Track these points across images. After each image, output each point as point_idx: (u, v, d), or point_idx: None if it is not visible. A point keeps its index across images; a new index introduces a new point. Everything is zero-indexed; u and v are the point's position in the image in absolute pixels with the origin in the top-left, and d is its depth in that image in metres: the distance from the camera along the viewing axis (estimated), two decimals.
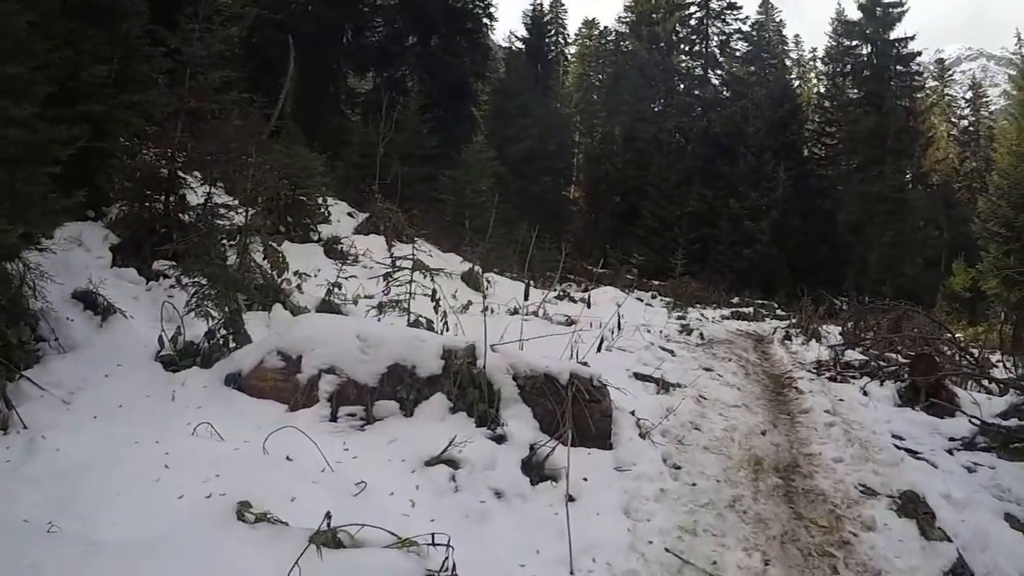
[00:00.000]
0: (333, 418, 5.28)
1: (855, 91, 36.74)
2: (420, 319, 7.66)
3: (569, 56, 49.09)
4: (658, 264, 28.86)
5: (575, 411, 5.43)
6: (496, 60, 36.59)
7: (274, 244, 10.04)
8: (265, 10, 28.10)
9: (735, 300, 26.96)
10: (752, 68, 38.44)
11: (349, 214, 16.47)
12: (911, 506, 5.10)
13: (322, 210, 14.49)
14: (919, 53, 35.59)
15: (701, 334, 13.54)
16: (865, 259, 32.66)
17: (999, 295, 19.84)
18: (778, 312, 25.05)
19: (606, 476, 5.19)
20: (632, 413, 6.30)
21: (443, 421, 5.31)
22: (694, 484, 5.37)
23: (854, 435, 6.84)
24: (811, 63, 44.62)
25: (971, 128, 43.28)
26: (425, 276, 8.14)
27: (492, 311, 11.80)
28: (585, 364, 6.57)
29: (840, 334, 14.24)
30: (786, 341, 14.86)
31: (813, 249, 32.53)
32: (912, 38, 35.33)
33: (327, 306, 8.40)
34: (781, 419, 7.63)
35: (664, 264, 27.50)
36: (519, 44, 42.46)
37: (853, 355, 11.66)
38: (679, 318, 15.54)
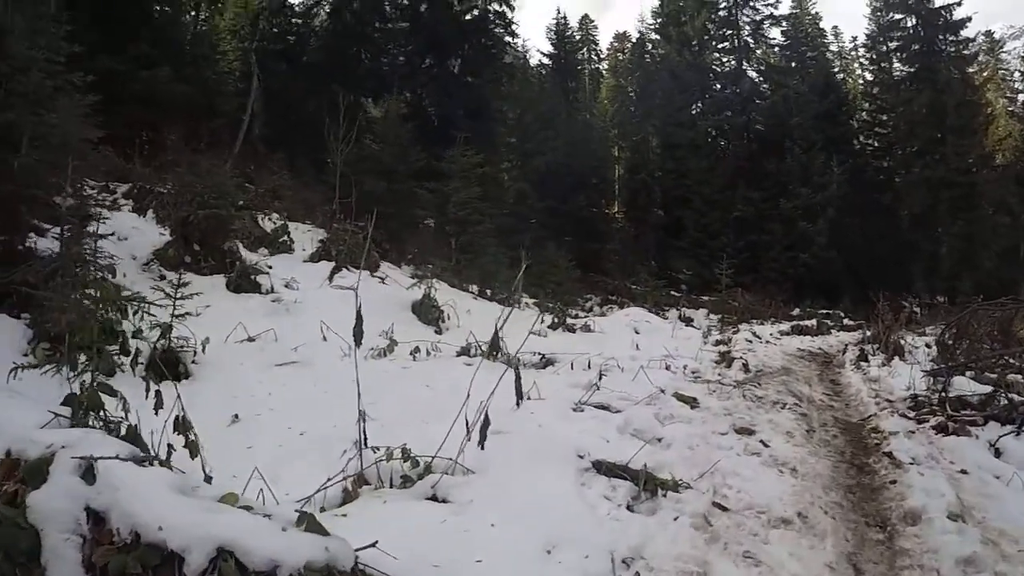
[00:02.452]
0: None
1: (905, 67, 32.31)
2: None
3: (603, 72, 45.97)
4: (706, 278, 25.05)
5: None
6: (521, 78, 33.40)
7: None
8: (265, 41, 26.40)
9: (795, 312, 23.17)
10: (789, 55, 34.36)
11: (322, 241, 13.49)
12: None
13: (237, 236, 11.49)
14: (969, 19, 30.97)
15: (745, 363, 9.78)
16: (935, 254, 29.09)
17: None
18: (845, 322, 21.31)
19: None
20: None
21: None
22: None
23: None
24: (852, 53, 40.36)
25: None
26: None
27: (434, 353, 8.70)
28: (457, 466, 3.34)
29: (936, 347, 10.24)
30: (861, 363, 11.00)
31: (874, 248, 28.19)
32: (959, 3, 30.74)
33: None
34: (870, 545, 3.96)
35: (713, 277, 23.72)
36: (545, 60, 39.37)
37: (962, 381, 7.75)
38: (718, 342, 11.76)
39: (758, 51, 34.46)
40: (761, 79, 34.05)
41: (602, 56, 46.75)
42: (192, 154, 13.85)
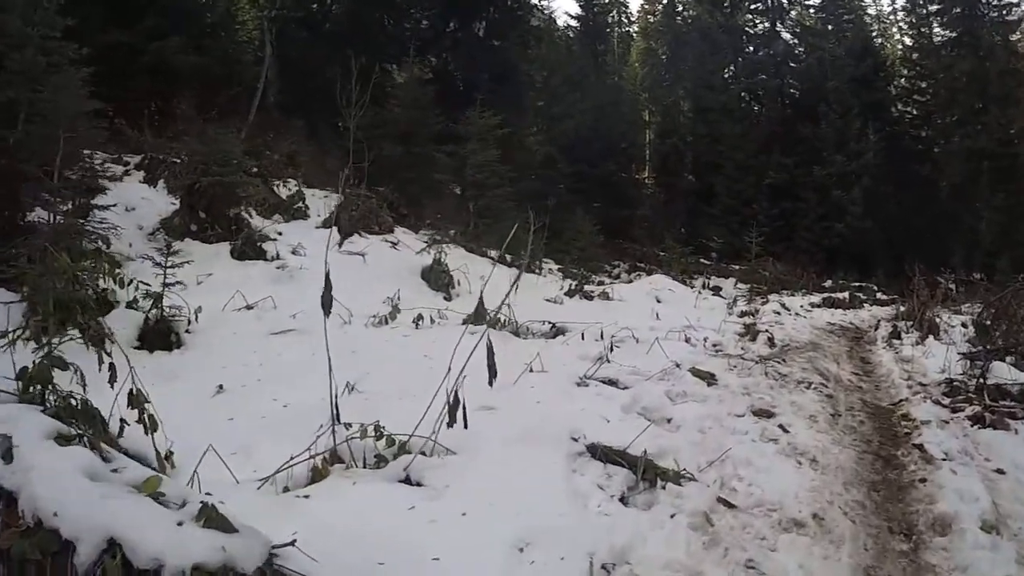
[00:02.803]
0: None
1: (946, 31, 30.65)
2: None
3: (633, 35, 44.58)
4: (737, 246, 24.24)
5: None
6: (548, 41, 32.38)
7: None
8: (284, 10, 25.86)
9: (827, 283, 22.38)
10: (825, 18, 32.76)
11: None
12: None
13: (249, 203, 11.39)
14: None
15: (771, 337, 9.23)
16: (974, 228, 27.10)
17: None
18: (879, 296, 20.41)
19: None
20: None
21: None
22: None
23: None
24: (891, 17, 38.55)
25: None
26: None
27: (440, 321, 8.30)
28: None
29: (974, 328, 9.58)
30: (893, 340, 10.40)
31: (911, 220, 26.89)
32: None
33: None
34: (892, 557, 3.50)
35: (744, 246, 22.96)
36: (573, 22, 38.20)
37: (1001, 368, 7.15)
38: (743, 313, 11.18)
39: (792, 12, 33.06)
40: (796, 41, 32.66)
41: (632, 19, 45.27)
42: (204, 123, 13.53)
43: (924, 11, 31.55)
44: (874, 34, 35.23)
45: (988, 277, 21.40)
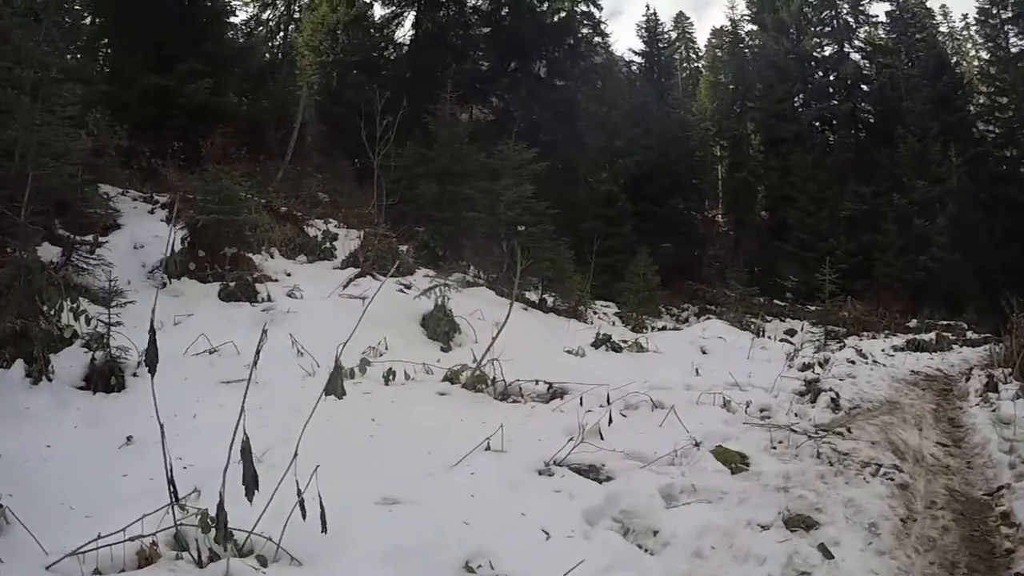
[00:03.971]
0: None
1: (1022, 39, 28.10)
2: None
3: (702, 70, 43.09)
4: (812, 285, 22.08)
5: None
6: (610, 77, 31.23)
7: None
8: (342, 55, 25.68)
9: (911, 323, 20.16)
10: (896, 38, 30.56)
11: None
12: None
13: (260, 242, 10.98)
14: None
15: (835, 397, 7.49)
16: None
17: None
18: (969, 335, 18.20)
19: None
20: None
21: None
22: None
23: None
24: (964, 32, 35.74)
25: None
26: None
27: (417, 377, 6.96)
28: None
29: None
30: (989, 394, 8.51)
31: (1003, 250, 24.53)
32: None
33: None
34: None
35: (819, 285, 20.92)
36: (637, 59, 36.99)
37: None
38: (805, 366, 9.38)
39: (860, 32, 31.06)
40: (866, 61, 30.60)
41: (700, 54, 43.98)
42: (228, 163, 13.04)
43: (998, 20, 29.15)
44: (948, 52, 32.66)
45: None
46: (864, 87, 29.76)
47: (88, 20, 16.14)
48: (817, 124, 30.13)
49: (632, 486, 4.16)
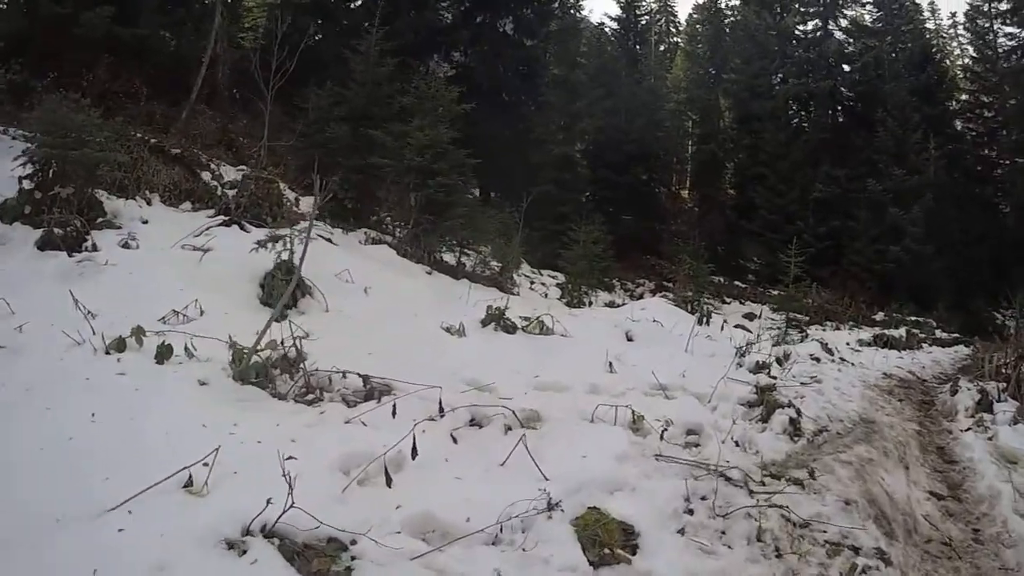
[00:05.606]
0: None
1: (1017, 28, 26.00)
2: None
3: (680, 43, 40.69)
4: (777, 268, 20.12)
5: None
6: (577, 37, 28.85)
7: None
8: None
9: (878, 316, 18.60)
10: (882, 27, 28.44)
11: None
12: None
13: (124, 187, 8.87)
14: None
15: (795, 418, 5.34)
16: None
17: None
18: (939, 334, 16.66)
19: None
20: None
21: None
22: None
23: None
24: (951, 31, 34.38)
25: None
26: None
27: (197, 356, 4.84)
28: None
29: None
30: (983, 415, 6.59)
31: (971, 249, 22.99)
32: None
33: None
34: None
35: (784, 268, 19.02)
36: (612, 23, 34.35)
37: None
38: (760, 366, 7.19)
39: (846, 11, 28.99)
40: (850, 40, 28.48)
41: (680, 28, 41.54)
42: (138, 101, 11.46)
43: (992, 12, 27.27)
44: (933, 48, 30.90)
45: None
46: (846, 67, 27.74)
47: None
48: (793, 103, 28.13)
49: None
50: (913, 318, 17.87)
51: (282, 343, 4.72)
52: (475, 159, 10.70)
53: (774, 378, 6.70)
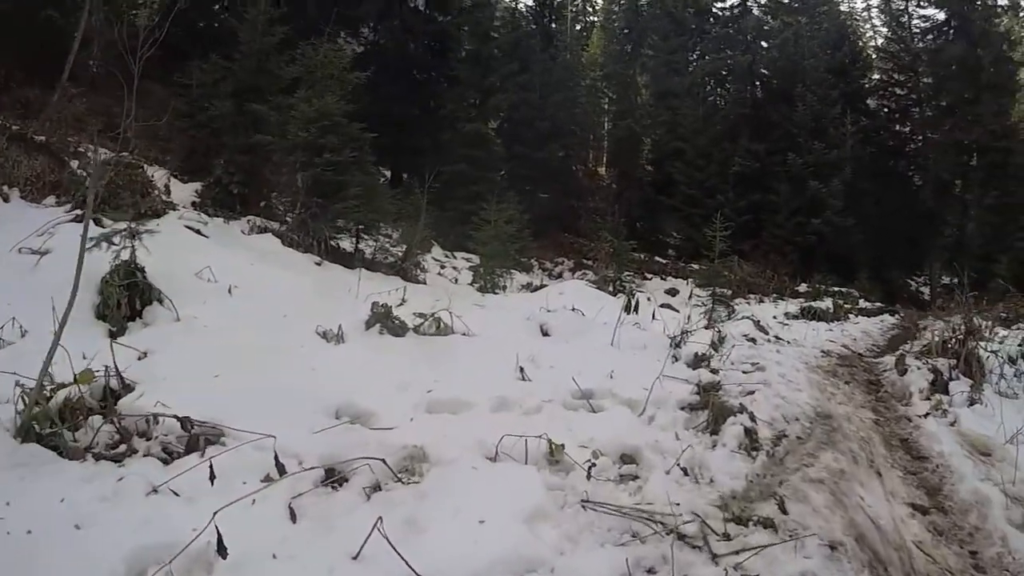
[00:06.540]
0: None
1: (936, 10, 26.26)
2: None
3: (597, 23, 39.98)
4: (698, 242, 19.57)
5: None
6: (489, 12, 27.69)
7: None
8: None
9: (802, 287, 18.31)
10: (799, 7, 28.56)
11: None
12: None
13: None
14: None
15: (750, 427, 4.43)
16: (960, 230, 23.56)
17: None
18: (863, 304, 16.51)
19: None
20: None
21: None
22: None
23: None
24: (864, 13, 35.02)
25: None
26: None
27: None
28: None
29: None
30: (939, 396, 5.96)
31: (888, 220, 23.00)
32: None
33: None
34: None
35: (706, 242, 18.43)
36: (528, 1, 33.30)
37: None
38: (699, 359, 6.26)
39: None
40: (768, 16, 28.38)
41: (597, 7, 40.89)
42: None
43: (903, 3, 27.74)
44: (848, 28, 31.23)
45: (981, 284, 17.10)
46: (764, 44, 27.49)
47: None
48: (711, 79, 27.81)
49: None
50: (837, 289, 17.65)
51: (106, 371, 3.50)
52: (385, 139, 9.50)
53: (715, 372, 5.79)
